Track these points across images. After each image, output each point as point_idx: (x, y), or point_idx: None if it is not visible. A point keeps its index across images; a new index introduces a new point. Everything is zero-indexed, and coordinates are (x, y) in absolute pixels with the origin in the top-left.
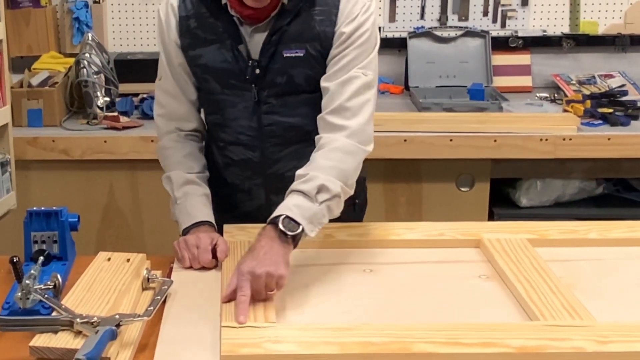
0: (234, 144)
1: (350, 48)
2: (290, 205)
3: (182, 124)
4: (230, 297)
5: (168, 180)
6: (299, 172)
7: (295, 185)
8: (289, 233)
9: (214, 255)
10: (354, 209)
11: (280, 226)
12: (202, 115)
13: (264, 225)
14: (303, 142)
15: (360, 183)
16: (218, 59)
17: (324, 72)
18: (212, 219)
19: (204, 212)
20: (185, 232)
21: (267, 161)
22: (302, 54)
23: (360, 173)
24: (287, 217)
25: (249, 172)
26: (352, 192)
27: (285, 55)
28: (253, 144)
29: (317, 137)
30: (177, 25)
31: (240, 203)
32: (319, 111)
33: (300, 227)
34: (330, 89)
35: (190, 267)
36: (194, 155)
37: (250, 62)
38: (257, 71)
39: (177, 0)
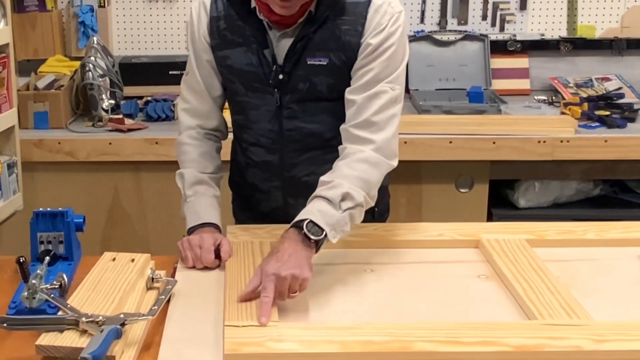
0: (255, 145)
1: (377, 61)
2: (314, 211)
3: (204, 121)
4: (250, 297)
5: (180, 177)
6: (323, 178)
7: (319, 191)
8: (312, 237)
9: (217, 256)
10: (372, 216)
11: (305, 230)
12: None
13: (272, 225)
14: (321, 149)
15: (381, 190)
16: (244, 61)
17: (347, 82)
18: (218, 221)
19: (211, 213)
20: (191, 231)
21: (285, 165)
22: (325, 63)
23: (382, 181)
24: (311, 221)
25: (268, 174)
26: (373, 204)
27: (309, 62)
28: (273, 147)
29: (341, 147)
30: (208, 25)
31: (259, 203)
32: (339, 119)
33: (324, 233)
34: (356, 102)
35: (194, 267)
36: (210, 155)
37: (275, 67)
38: (281, 76)
39: (210, 0)
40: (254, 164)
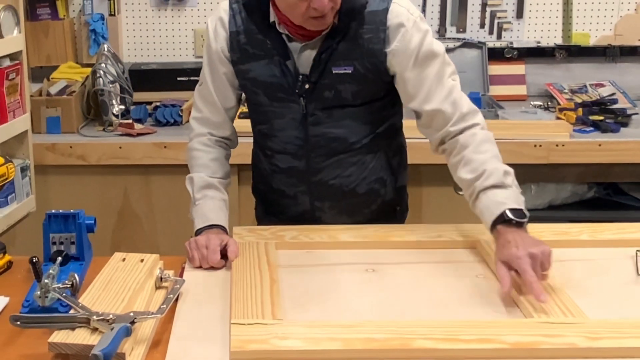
0: (281, 152)
1: (426, 67)
2: (500, 200)
3: (215, 130)
4: (509, 292)
5: (190, 181)
6: (467, 176)
7: (479, 185)
8: (523, 220)
9: (224, 256)
10: (395, 215)
11: (513, 219)
12: (249, 124)
13: (277, 227)
14: (345, 153)
15: (401, 190)
16: (267, 73)
17: (371, 88)
18: (225, 223)
19: (219, 215)
20: (198, 232)
21: (311, 170)
22: (350, 71)
23: (401, 181)
24: (510, 209)
25: (294, 180)
26: None
27: (334, 71)
28: (299, 153)
29: (447, 144)
30: (227, 40)
31: (287, 208)
32: (362, 123)
33: (523, 212)
34: (442, 109)
35: (200, 267)
36: (220, 161)
37: (301, 77)
38: (307, 86)
39: (228, 15)
40: (280, 170)
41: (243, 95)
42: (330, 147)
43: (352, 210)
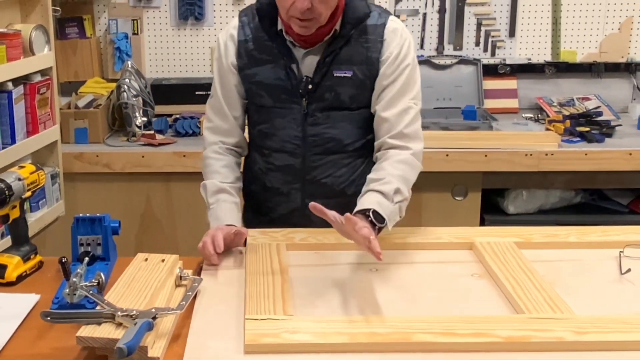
0: (279, 151)
1: (399, 78)
2: (374, 202)
3: (226, 138)
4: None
5: (204, 187)
6: (371, 176)
7: (373, 186)
8: (377, 225)
9: (232, 243)
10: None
11: (372, 217)
12: (247, 127)
13: (288, 229)
14: (339, 154)
15: None
16: (272, 76)
17: (367, 93)
18: (237, 222)
19: (232, 216)
20: None
21: (307, 168)
22: (350, 75)
23: None
24: (375, 211)
25: (289, 177)
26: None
27: (335, 74)
28: (296, 151)
29: (379, 152)
30: (236, 49)
31: (277, 206)
32: (356, 127)
33: (385, 222)
34: (389, 119)
35: (215, 266)
36: (231, 167)
37: (305, 78)
38: (310, 87)
39: (237, 28)
40: (276, 168)
41: None
42: (326, 147)
43: (339, 209)
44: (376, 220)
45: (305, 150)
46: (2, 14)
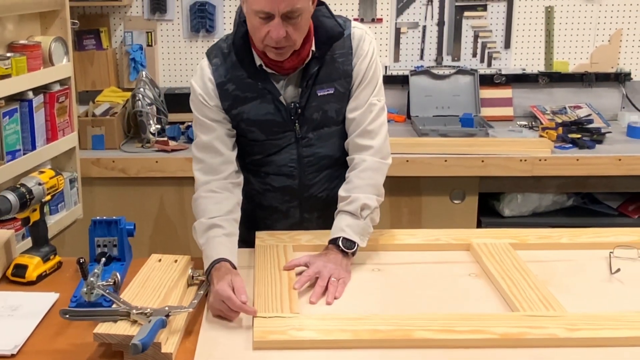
0: (276, 174)
1: (366, 82)
2: (343, 227)
3: (217, 175)
4: (299, 289)
5: (194, 230)
6: (341, 193)
7: (341, 206)
8: (348, 251)
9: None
10: None
11: (342, 247)
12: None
13: (294, 232)
14: (333, 167)
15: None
16: (260, 112)
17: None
18: (226, 254)
19: (218, 250)
20: (207, 273)
21: (304, 187)
22: (332, 92)
23: None
24: (344, 238)
25: (288, 197)
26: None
27: (319, 94)
28: (293, 173)
29: (349, 158)
30: (215, 91)
31: (276, 222)
32: (344, 140)
33: (356, 244)
34: (355, 119)
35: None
36: (222, 203)
37: (293, 104)
38: (299, 110)
39: (210, 71)
40: (273, 189)
41: None
42: (320, 164)
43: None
44: (345, 247)
45: (302, 171)
46: (23, 27)
